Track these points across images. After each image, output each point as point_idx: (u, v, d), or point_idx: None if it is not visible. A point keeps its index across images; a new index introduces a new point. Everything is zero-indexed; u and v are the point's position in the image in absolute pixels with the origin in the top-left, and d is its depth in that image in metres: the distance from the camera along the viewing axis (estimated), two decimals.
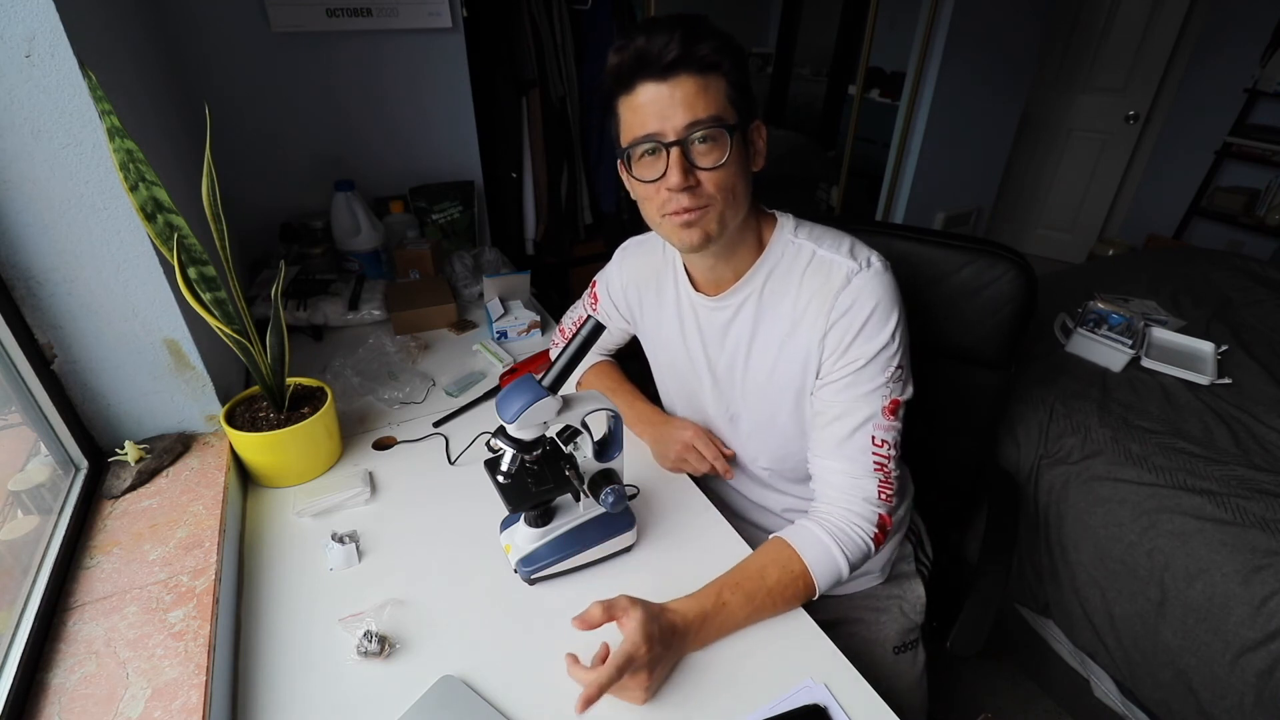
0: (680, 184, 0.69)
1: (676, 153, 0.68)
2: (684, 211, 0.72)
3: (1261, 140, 3.03)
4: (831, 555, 0.74)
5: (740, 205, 0.74)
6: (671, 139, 0.68)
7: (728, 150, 0.69)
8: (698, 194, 0.71)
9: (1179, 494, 1.19)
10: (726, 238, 0.76)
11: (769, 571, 0.73)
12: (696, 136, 0.68)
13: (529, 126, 2.07)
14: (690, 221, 0.72)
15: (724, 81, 0.69)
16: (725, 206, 0.72)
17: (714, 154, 0.70)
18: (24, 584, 0.65)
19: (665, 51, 0.66)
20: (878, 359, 0.75)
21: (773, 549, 0.76)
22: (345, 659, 0.68)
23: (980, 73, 2.84)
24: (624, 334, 1.08)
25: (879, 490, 0.77)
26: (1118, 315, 1.68)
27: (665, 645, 0.65)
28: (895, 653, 0.95)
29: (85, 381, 0.82)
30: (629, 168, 0.73)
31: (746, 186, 0.74)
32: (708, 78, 0.68)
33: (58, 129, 0.70)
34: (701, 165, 0.70)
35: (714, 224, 0.73)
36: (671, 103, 0.68)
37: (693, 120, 0.68)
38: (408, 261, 1.49)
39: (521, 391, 0.69)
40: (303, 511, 0.87)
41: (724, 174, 0.70)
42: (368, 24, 1.48)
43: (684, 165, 0.69)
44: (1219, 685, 1.07)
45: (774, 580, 0.73)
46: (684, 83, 0.67)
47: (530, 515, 0.78)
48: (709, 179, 0.70)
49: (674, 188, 0.70)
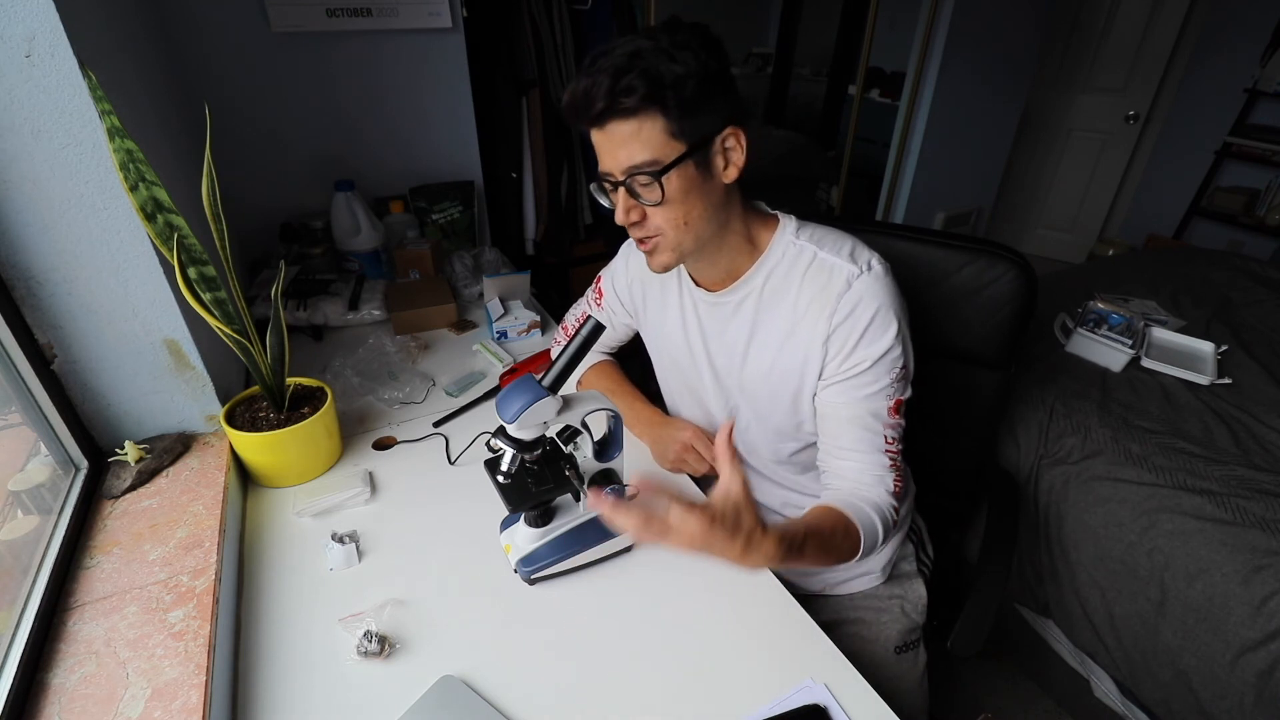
0: (624, 221, 0.74)
1: (623, 192, 0.72)
2: (638, 241, 0.77)
3: (1261, 140, 3.03)
4: (873, 521, 0.75)
5: (696, 228, 0.75)
6: (618, 179, 0.72)
7: (661, 192, 0.70)
8: (644, 226, 0.75)
9: (1179, 494, 1.19)
10: (700, 250, 0.78)
11: (837, 532, 0.71)
12: (636, 176, 0.70)
13: (529, 126, 2.06)
14: (649, 250, 0.77)
15: (659, 119, 0.68)
16: (676, 236, 0.75)
17: (653, 194, 0.71)
18: (24, 584, 0.65)
19: (594, 102, 0.67)
20: (882, 361, 0.76)
21: (832, 514, 0.73)
22: (345, 659, 0.68)
23: (980, 73, 2.84)
24: (627, 330, 1.08)
25: (894, 484, 0.79)
26: (1118, 315, 1.68)
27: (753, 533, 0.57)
28: (896, 652, 0.95)
29: (85, 381, 0.82)
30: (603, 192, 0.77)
31: (705, 209, 0.74)
32: (640, 120, 0.68)
33: (58, 129, 0.70)
34: (646, 201, 0.72)
35: (668, 253, 0.77)
36: (610, 147, 0.70)
37: (629, 165, 0.70)
38: (408, 261, 1.49)
39: (521, 391, 0.70)
40: (303, 511, 0.87)
41: (666, 210, 0.73)
42: (368, 24, 1.48)
43: (628, 204, 0.73)
44: (1219, 685, 1.07)
45: (837, 541, 0.71)
46: (615, 130, 0.69)
47: (530, 515, 0.78)
48: (653, 214, 0.74)
49: (621, 223, 0.75)
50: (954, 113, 2.89)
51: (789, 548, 0.61)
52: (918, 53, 2.74)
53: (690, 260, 0.81)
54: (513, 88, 1.98)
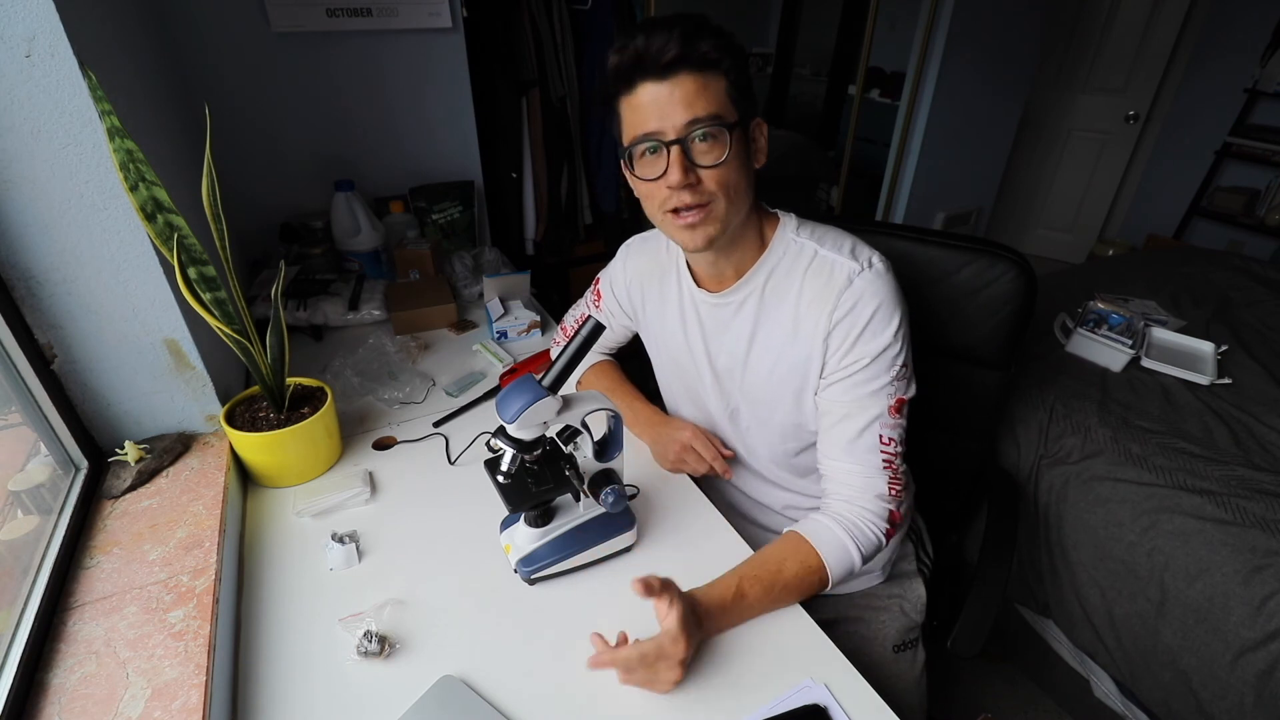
0: (680, 181, 0.70)
1: (677, 150, 0.69)
2: (685, 210, 0.72)
3: (1261, 140, 3.03)
4: (846, 549, 0.76)
5: (741, 202, 0.75)
6: (672, 137, 0.69)
7: (728, 147, 0.70)
8: (698, 191, 0.71)
9: (1179, 494, 1.19)
10: (728, 235, 0.77)
11: (787, 565, 0.74)
12: (696, 134, 0.69)
13: (529, 126, 2.06)
14: (693, 224, 0.73)
15: (724, 79, 0.69)
16: (727, 204, 0.72)
17: (714, 151, 0.70)
18: (24, 584, 0.65)
19: (664, 50, 0.66)
20: (882, 358, 0.76)
21: (790, 542, 0.77)
22: (345, 659, 0.68)
23: (980, 73, 2.84)
24: (626, 332, 1.08)
25: (889, 487, 0.78)
26: (1118, 315, 1.68)
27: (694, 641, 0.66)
28: (895, 651, 0.95)
29: (85, 381, 0.82)
30: (631, 166, 0.74)
31: (747, 184, 0.75)
32: (707, 76, 0.68)
33: (58, 129, 0.70)
34: (702, 163, 0.70)
35: (715, 224, 0.74)
36: (671, 101, 0.68)
37: (692, 118, 0.68)
38: (408, 261, 1.49)
39: (521, 391, 0.69)
40: (303, 511, 0.87)
41: (724, 171, 0.71)
42: (368, 24, 1.48)
43: (684, 163, 0.69)
44: (1219, 685, 1.07)
45: (791, 574, 0.74)
46: (683, 81, 0.68)
47: (530, 515, 0.78)
48: (709, 176, 0.71)
49: (674, 185, 0.70)
50: (954, 113, 2.89)
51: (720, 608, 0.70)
52: (918, 53, 2.74)
53: (717, 246, 0.78)
54: (513, 88, 1.98)
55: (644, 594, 0.64)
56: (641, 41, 0.67)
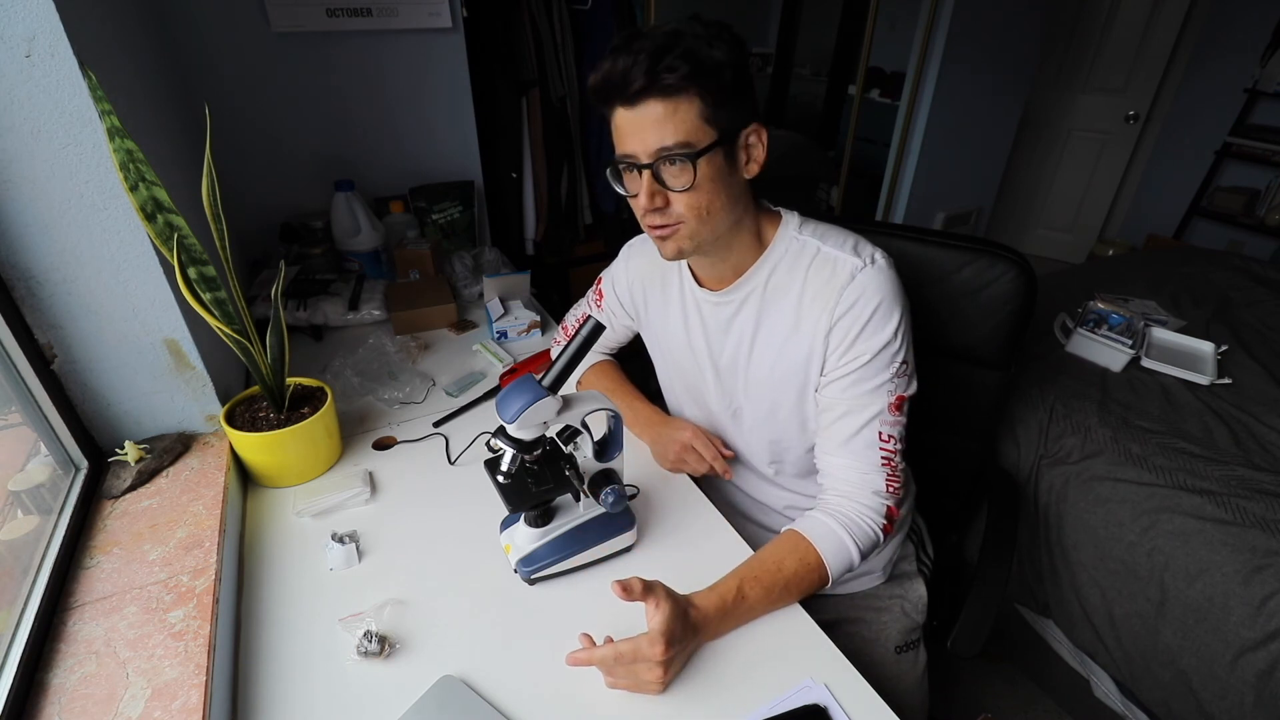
0: (647, 206, 0.72)
1: (648, 175, 0.71)
2: (655, 228, 0.75)
3: (1261, 140, 3.03)
4: (845, 546, 0.76)
5: (719, 218, 0.75)
6: (644, 161, 0.71)
7: (694, 175, 0.70)
8: (666, 213, 0.74)
9: (1179, 494, 1.19)
10: (714, 244, 0.78)
11: (786, 563, 0.74)
12: (665, 160, 0.70)
13: (529, 126, 2.06)
14: (663, 236, 0.76)
15: (695, 101, 0.68)
16: (697, 224, 0.74)
17: (682, 178, 0.71)
18: (24, 584, 0.65)
19: (631, 80, 0.67)
20: (882, 354, 0.76)
21: (788, 541, 0.77)
22: (345, 659, 0.68)
23: (980, 73, 2.84)
24: (627, 332, 1.08)
25: (886, 484, 0.78)
26: (1118, 315, 1.68)
27: (682, 645, 0.66)
28: (897, 652, 0.95)
29: (85, 381, 0.82)
30: (619, 177, 0.76)
31: (726, 200, 0.74)
32: (676, 101, 0.68)
33: (58, 129, 0.70)
34: (672, 187, 0.72)
35: (685, 240, 0.76)
36: (642, 128, 0.69)
37: (660, 146, 0.69)
38: (408, 261, 1.49)
39: (521, 391, 0.69)
40: (303, 511, 0.87)
41: (692, 196, 0.72)
42: (368, 24, 1.48)
43: (652, 188, 0.72)
44: (1219, 685, 1.07)
45: (791, 572, 0.74)
46: (651, 109, 0.68)
47: (530, 515, 0.78)
48: (678, 200, 0.72)
49: (643, 208, 0.73)
50: (954, 113, 2.89)
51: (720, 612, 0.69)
52: (918, 53, 2.74)
53: (702, 254, 0.80)
54: (513, 88, 1.98)
55: (624, 596, 0.64)
56: (611, 66, 0.68)
